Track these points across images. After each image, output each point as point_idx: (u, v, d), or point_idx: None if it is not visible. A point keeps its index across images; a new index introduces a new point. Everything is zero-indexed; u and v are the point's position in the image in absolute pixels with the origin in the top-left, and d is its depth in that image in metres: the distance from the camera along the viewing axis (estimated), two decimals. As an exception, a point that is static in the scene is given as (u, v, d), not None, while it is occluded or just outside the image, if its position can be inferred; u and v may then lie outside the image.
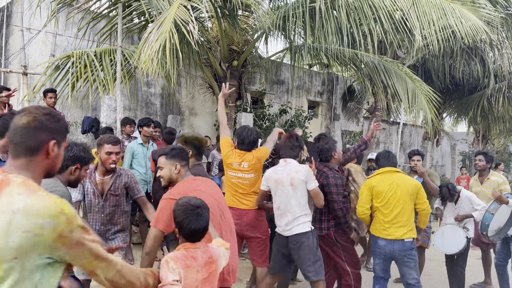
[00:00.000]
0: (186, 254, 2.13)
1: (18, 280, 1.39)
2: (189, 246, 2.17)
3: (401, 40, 9.49)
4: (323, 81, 14.01)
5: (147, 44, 5.24)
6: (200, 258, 2.15)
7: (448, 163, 18.97)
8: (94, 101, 8.14)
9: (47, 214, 1.42)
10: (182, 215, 2.18)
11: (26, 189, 1.45)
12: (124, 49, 7.06)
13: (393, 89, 8.55)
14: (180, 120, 10.28)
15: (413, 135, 17.84)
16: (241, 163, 4.12)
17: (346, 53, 8.30)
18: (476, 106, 12.88)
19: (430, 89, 8.96)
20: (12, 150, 1.54)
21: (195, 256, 2.14)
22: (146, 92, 9.90)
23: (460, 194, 5.01)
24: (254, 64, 9.18)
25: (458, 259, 4.97)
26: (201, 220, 2.19)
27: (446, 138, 18.33)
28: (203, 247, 2.20)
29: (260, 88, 11.52)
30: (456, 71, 11.92)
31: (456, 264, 5.01)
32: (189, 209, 2.19)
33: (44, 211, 1.42)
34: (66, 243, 1.45)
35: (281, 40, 8.52)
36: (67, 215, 1.45)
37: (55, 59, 7.10)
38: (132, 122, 6.17)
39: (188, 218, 2.17)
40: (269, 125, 11.02)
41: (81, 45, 7.74)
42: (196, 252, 2.16)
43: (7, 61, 8.15)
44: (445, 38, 8.11)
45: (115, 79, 6.51)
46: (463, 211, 4.95)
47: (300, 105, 13.00)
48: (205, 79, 8.87)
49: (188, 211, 2.19)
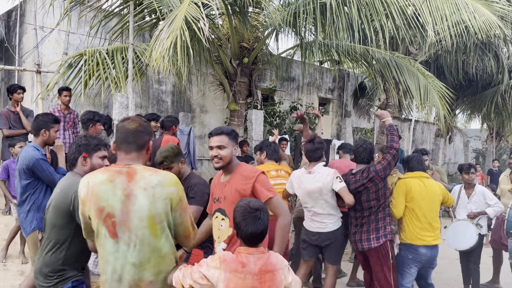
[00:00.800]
0: (235, 258, 2.08)
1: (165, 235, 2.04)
2: (242, 250, 2.11)
3: (413, 35, 9.40)
4: (334, 78, 13.94)
5: (158, 41, 5.26)
6: (251, 265, 2.06)
7: (461, 160, 18.75)
8: (106, 98, 8.22)
9: (173, 183, 2.06)
10: (240, 216, 2.14)
11: (151, 171, 2.05)
12: (136, 47, 7.10)
13: (405, 86, 8.47)
14: (191, 118, 10.32)
15: (425, 132, 17.66)
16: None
17: (357, 49, 8.24)
18: (489, 102, 12.71)
19: (442, 85, 8.85)
20: (125, 147, 2.08)
21: (245, 262, 2.06)
22: (157, 90, 9.96)
23: (475, 189, 4.97)
24: (265, 61, 9.17)
25: (472, 256, 4.93)
26: (259, 224, 2.12)
27: (459, 135, 18.11)
28: (259, 254, 2.11)
29: (271, 85, 11.51)
30: (470, 67, 11.77)
31: (469, 261, 4.97)
32: (247, 211, 2.14)
33: (171, 182, 2.06)
34: (182, 206, 2.10)
35: (291, 36, 8.48)
36: (180, 184, 2.11)
37: (68, 57, 7.18)
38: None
39: (245, 220, 2.12)
40: (280, 122, 11.01)
41: (93, 43, 7.81)
42: (247, 258, 2.08)
43: (21, 60, 8.26)
44: (458, 33, 8.02)
45: (127, 77, 6.56)
46: (476, 206, 4.91)
47: (311, 102, 12.96)
48: (216, 76, 8.89)
49: (247, 213, 2.13)
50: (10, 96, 5.92)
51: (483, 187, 5.10)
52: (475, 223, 4.81)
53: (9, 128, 5.86)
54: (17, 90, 5.88)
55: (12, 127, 5.87)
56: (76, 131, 6.28)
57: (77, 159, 2.63)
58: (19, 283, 4.44)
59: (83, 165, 2.63)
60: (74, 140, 6.19)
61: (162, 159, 3.26)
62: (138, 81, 7.32)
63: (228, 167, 2.73)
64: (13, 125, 5.88)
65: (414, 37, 9.87)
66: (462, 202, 5.05)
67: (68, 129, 6.11)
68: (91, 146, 2.65)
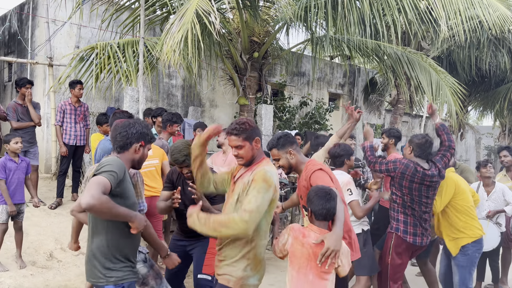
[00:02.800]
0: (300, 229, 2.61)
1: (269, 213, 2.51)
2: (308, 225, 2.63)
3: (425, 30, 9.30)
4: (345, 73, 13.85)
5: (169, 35, 5.27)
6: (309, 237, 2.53)
7: (472, 157, 18.55)
8: (117, 92, 8.26)
9: (274, 171, 2.49)
10: (313, 193, 2.61)
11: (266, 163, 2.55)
12: (147, 41, 7.13)
13: (417, 81, 8.39)
14: (201, 112, 10.34)
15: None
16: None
17: (368, 44, 8.17)
18: (503, 99, 12.54)
19: (455, 81, 8.75)
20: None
21: (306, 233, 2.56)
22: (167, 84, 9.99)
23: (495, 187, 4.93)
24: (275, 55, 9.14)
25: (492, 255, 4.91)
26: (327, 203, 2.55)
27: (470, 132, 17.91)
28: (319, 232, 2.55)
29: (281, 80, 11.47)
30: (483, 63, 11.59)
31: (490, 259, 4.98)
32: (320, 189, 2.61)
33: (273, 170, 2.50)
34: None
35: (302, 31, 8.41)
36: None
37: (79, 50, 7.23)
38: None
39: (316, 197, 2.57)
40: (289, 117, 10.98)
41: (104, 37, 7.85)
42: (309, 232, 2.57)
43: (33, 53, 8.34)
44: (472, 28, 7.90)
45: (138, 71, 6.59)
46: (496, 204, 4.86)
47: (321, 97, 12.91)
48: (226, 71, 8.89)
49: (320, 191, 2.59)
50: (18, 89, 5.96)
51: (502, 184, 5.02)
52: (495, 222, 4.78)
53: (17, 121, 5.90)
54: (26, 84, 5.92)
55: (20, 119, 5.91)
56: (87, 123, 6.31)
57: (132, 144, 2.46)
58: (30, 273, 4.50)
59: (136, 152, 2.48)
60: (85, 133, 6.24)
61: (183, 157, 3.07)
62: (148, 75, 7.35)
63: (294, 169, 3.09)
64: (21, 117, 5.92)
65: (426, 32, 9.76)
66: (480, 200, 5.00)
67: (79, 122, 6.15)
68: (149, 137, 2.54)
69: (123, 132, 2.47)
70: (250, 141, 2.53)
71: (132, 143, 2.46)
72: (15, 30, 9.12)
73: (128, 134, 2.46)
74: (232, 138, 2.54)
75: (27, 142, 5.79)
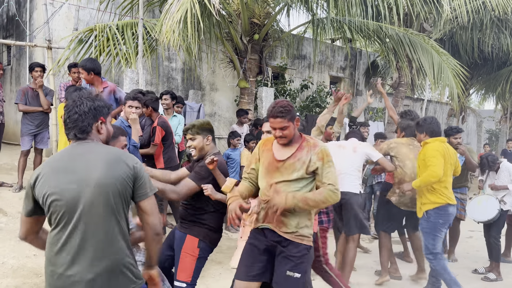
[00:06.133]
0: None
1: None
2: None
3: (428, 12, 9.17)
4: (346, 56, 13.74)
5: (168, 15, 5.22)
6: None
7: (473, 141, 18.53)
8: (117, 75, 8.21)
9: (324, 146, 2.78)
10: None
11: (313, 140, 2.84)
12: (146, 22, 7.05)
13: (419, 63, 8.32)
14: (201, 95, 10.30)
15: (437, 112, 17.42)
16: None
17: (370, 26, 8.08)
18: (505, 81, 12.46)
19: (457, 63, 8.68)
20: None
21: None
22: (167, 67, 9.92)
23: (501, 166, 5.20)
24: (276, 38, 9.05)
25: (492, 230, 5.11)
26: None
27: (472, 115, 17.85)
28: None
29: (281, 63, 11.39)
30: (485, 45, 11.48)
31: (490, 235, 5.14)
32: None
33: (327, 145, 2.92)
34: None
35: (303, 12, 8.34)
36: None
37: (78, 32, 7.15)
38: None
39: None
40: (290, 100, 10.93)
41: (103, 19, 7.77)
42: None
43: (32, 35, 8.26)
44: (475, 9, 7.80)
45: (137, 53, 6.54)
46: (501, 182, 5.14)
47: (322, 80, 12.83)
48: (226, 53, 8.81)
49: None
50: (31, 74, 6.03)
51: (509, 163, 5.31)
52: (500, 199, 4.96)
53: (25, 104, 5.94)
54: (35, 68, 5.98)
55: (29, 103, 5.96)
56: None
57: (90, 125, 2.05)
58: (33, 253, 4.55)
59: (99, 133, 2.10)
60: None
61: (189, 126, 3.17)
62: (148, 58, 7.30)
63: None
64: (30, 101, 5.97)
65: (429, 13, 9.64)
66: (490, 178, 5.34)
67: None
68: (106, 109, 2.21)
69: (73, 115, 2.00)
70: (293, 121, 2.75)
71: (91, 124, 2.03)
72: (13, 12, 9.03)
73: (81, 116, 2.00)
74: (277, 121, 2.70)
75: (35, 126, 5.94)
